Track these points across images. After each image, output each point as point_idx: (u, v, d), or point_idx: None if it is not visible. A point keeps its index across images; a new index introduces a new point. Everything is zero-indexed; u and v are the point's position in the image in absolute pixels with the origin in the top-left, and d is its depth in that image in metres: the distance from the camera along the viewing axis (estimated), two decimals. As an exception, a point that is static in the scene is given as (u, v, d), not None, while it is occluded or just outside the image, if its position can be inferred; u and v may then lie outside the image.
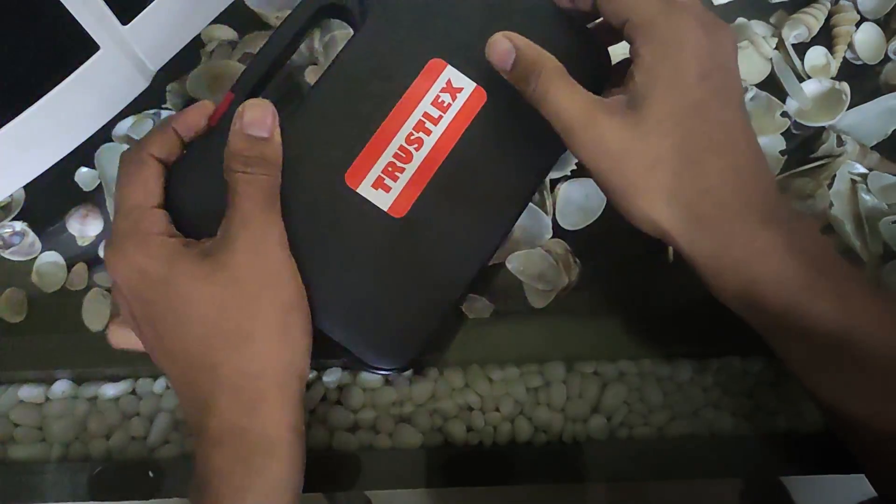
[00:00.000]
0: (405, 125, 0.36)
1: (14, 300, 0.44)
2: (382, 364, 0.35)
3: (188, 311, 0.32)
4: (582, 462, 0.39)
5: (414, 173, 0.35)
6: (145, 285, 0.32)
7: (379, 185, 0.35)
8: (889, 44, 0.47)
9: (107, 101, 0.45)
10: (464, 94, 0.36)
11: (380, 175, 0.35)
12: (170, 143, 0.34)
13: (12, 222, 0.45)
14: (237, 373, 0.31)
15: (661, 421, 0.40)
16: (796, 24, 0.47)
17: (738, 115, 0.32)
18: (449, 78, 0.36)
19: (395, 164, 0.35)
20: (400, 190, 0.35)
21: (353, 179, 0.35)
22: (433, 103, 0.36)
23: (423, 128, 0.36)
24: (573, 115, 0.32)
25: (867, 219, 0.43)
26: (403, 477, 0.40)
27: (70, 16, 0.39)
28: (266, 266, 0.32)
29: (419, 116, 0.36)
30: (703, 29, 0.32)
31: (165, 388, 0.42)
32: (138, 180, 0.33)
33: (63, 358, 0.42)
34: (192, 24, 0.48)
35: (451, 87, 0.36)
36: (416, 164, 0.35)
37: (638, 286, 0.42)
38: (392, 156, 0.35)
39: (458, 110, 0.36)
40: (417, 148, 0.36)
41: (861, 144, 0.45)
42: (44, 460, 0.41)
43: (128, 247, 0.32)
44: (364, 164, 0.35)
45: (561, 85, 0.32)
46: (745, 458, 0.39)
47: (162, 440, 0.41)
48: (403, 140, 0.36)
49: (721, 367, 0.41)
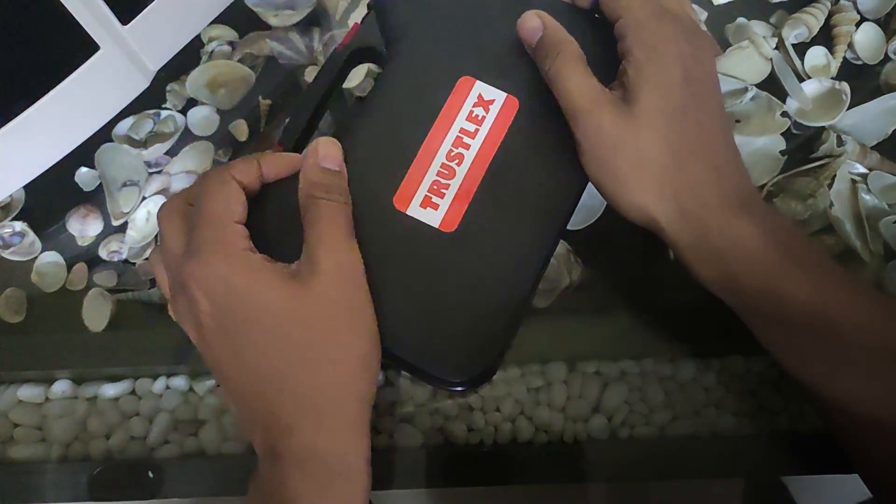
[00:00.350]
0: (444, 144, 0.37)
1: (14, 300, 0.44)
2: (457, 378, 0.34)
3: (272, 327, 0.31)
4: (583, 462, 0.39)
5: (459, 188, 0.36)
6: (228, 295, 0.31)
7: (427, 204, 0.36)
8: (889, 44, 0.47)
9: (107, 101, 0.45)
10: (496, 105, 0.37)
11: (426, 194, 0.36)
12: (252, 174, 0.34)
13: (12, 222, 0.45)
14: (321, 395, 0.31)
15: (662, 421, 0.40)
16: (796, 24, 0.47)
17: (716, 119, 0.35)
18: (480, 92, 0.37)
19: (439, 181, 0.36)
20: (448, 206, 0.36)
21: (401, 202, 0.36)
22: (468, 118, 0.37)
23: (462, 143, 0.37)
24: (581, 98, 0.34)
25: (867, 219, 0.43)
26: (404, 477, 0.40)
27: (70, 16, 0.39)
28: (352, 293, 0.33)
29: (456, 133, 0.37)
30: (687, 37, 0.34)
31: (165, 389, 0.42)
32: (221, 196, 0.33)
33: (63, 358, 0.42)
34: (192, 24, 0.48)
35: (483, 101, 0.37)
36: (459, 178, 0.36)
37: (639, 286, 0.42)
38: (435, 174, 0.36)
39: (493, 121, 0.37)
40: (459, 163, 0.36)
41: (861, 144, 0.45)
42: (44, 460, 0.41)
43: (211, 255, 0.31)
44: (410, 186, 0.36)
45: (575, 68, 0.34)
46: (748, 458, 0.39)
47: (162, 440, 0.41)
48: (444, 158, 0.36)
49: (723, 367, 0.41)
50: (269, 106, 0.47)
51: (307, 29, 0.49)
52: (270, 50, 0.48)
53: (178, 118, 0.47)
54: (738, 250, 0.32)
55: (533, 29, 0.36)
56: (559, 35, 0.36)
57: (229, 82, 0.48)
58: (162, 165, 0.46)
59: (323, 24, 0.49)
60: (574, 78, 0.34)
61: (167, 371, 0.42)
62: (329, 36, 0.48)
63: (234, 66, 0.48)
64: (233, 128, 0.47)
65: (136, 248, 0.44)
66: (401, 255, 0.35)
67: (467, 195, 0.36)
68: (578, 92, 0.34)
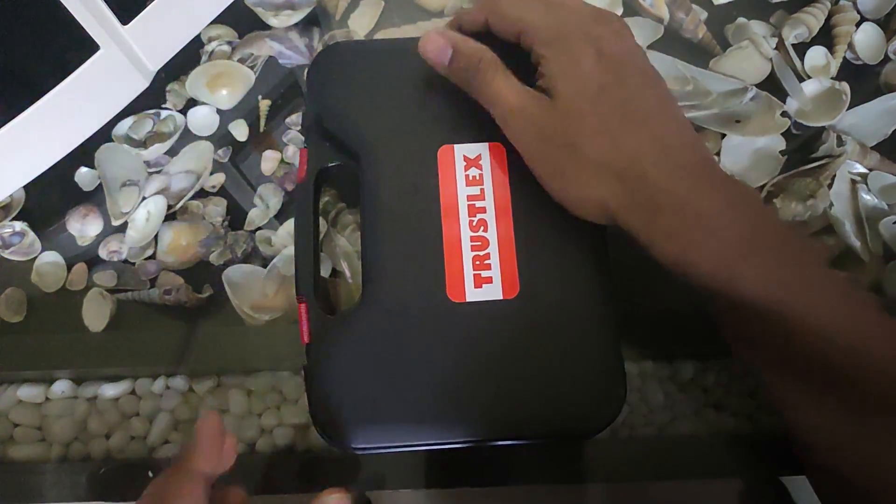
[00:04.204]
0: (461, 220, 0.36)
1: (14, 300, 0.44)
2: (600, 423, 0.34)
3: None
4: (583, 462, 0.39)
5: (500, 252, 0.35)
6: None
7: (481, 283, 0.35)
8: (889, 44, 0.47)
9: (107, 101, 0.45)
10: (484, 158, 0.37)
11: (474, 274, 0.35)
12: None
13: (12, 222, 0.45)
14: None
15: (662, 421, 0.40)
16: (796, 24, 0.47)
17: (648, 91, 0.34)
18: (463, 154, 0.37)
19: (478, 255, 0.35)
20: (500, 273, 0.35)
21: (456, 295, 0.35)
22: (468, 184, 0.36)
23: (476, 209, 0.36)
24: (509, 99, 0.34)
25: (867, 219, 0.43)
26: (403, 477, 0.40)
27: (70, 16, 0.39)
28: None
29: (466, 204, 0.36)
30: (593, 19, 0.34)
31: (165, 389, 0.42)
32: None
33: (63, 358, 0.42)
34: (192, 24, 0.48)
35: (471, 161, 0.37)
36: (495, 243, 0.36)
37: (638, 286, 0.42)
38: (471, 251, 0.35)
39: (491, 175, 0.37)
40: (485, 230, 0.36)
41: (861, 144, 0.45)
42: (44, 460, 0.41)
43: None
44: (455, 276, 0.35)
45: (496, 72, 0.35)
46: (747, 458, 0.39)
47: (162, 440, 0.41)
48: (470, 232, 0.36)
49: (723, 368, 0.41)
50: (268, 106, 0.47)
51: (307, 29, 0.49)
52: (270, 50, 0.48)
53: (178, 118, 0.47)
54: (693, 232, 0.30)
55: (440, 49, 0.36)
56: (472, 46, 0.35)
57: (229, 82, 0.48)
58: (162, 165, 0.46)
59: (323, 24, 0.49)
60: (497, 82, 0.34)
61: (167, 371, 0.42)
62: (329, 35, 0.48)
63: (234, 66, 0.48)
64: (233, 128, 0.47)
65: (136, 248, 0.44)
66: (486, 342, 0.34)
67: (511, 254, 0.35)
68: (506, 94, 0.34)
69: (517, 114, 0.34)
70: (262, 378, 0.41)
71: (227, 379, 0.42)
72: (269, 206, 0.45)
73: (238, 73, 0.48)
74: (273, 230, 0.44)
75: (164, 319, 0.43)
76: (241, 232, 0.44)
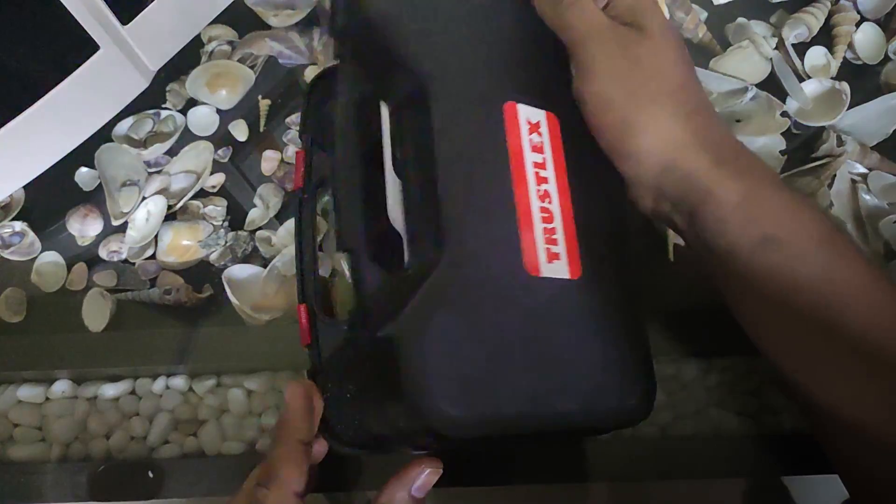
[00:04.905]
0: (530, 187, 0.32)
1: (14, 300, 0.44)
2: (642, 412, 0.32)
3: None
4: (584, 462, 0.39)
5: (564, 229, 0.32)
6: None
7: (552, 259, 0.32)
8: (889, 44, 0.47)
9: (107, 101, 0.45)
10: (543, 126, 0.34)
11: (546, 248, 0.32)
12: None
13: (12, 222, 0.45)
14: None
15: (665, 420, 0.40)
16: (796, 23, 0.47)
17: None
18: (527, 117, 0.34)
19: (547, 228, 0.32)
20: (566, 251, 0.32)
21: (532, 267, 0.31)
22: (533, 150, 0.33)
23: (540, 178, 0.33)
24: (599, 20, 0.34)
25: (868, 219, 0.43)
26: (404, 477, 0.39)
27: (70, 16, 0.39)
28: None
29: (533, 171, 0.33)
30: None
31: (165, 389, 0.42)
32: None
33: (63, 358, 0.42)
34: (192, 24, 0.48)
35: (532, 125, 0.34)
36: (559, 218, 0.33)
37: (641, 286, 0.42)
38: (541, 223, 0.32)
39: (550, 146, 0.34)
40: (550, 202, 0.33)
41: (861, 144, 0.45)
42: (44, 460, 0.41)
43: None
44: (529, 247, 0.31)
45: None
46: (750, 458, 0.39)
47: (162, 440, 0.41)
48: (538, 201, 0.32)
49: (726, 367, 0.41)
50: (268, 106, 0.47)
51: (307, 29, 0.49)
52: (270, 50, 0.48)
53: (177, 118, 0.47)
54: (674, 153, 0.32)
55: None
56: None
57: (229, 82, 0.48)
58: (162, 165, 0.46)
59: (323, 24, 0.49)
60: (589, 5, 0.34)
61: (167, 371, 0.42)
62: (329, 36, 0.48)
63: (234, 66, 0.48)
64: (233, 128, 0.47)
65: (136, 248, 0.44)
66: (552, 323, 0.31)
67: (572, 232, 0.33)
68: (592, 13, 0.34)
69: (604, 32, 0.34)
70: (262, 378, 0.41)
71: (227, 379, 0.42)
72: (269, 206, 0.45)
73: (238, 73, 0.48)
74: (273, 230, 0.44)
75: (164, 319, 0.43)
76: (241, 232, 0.44)
